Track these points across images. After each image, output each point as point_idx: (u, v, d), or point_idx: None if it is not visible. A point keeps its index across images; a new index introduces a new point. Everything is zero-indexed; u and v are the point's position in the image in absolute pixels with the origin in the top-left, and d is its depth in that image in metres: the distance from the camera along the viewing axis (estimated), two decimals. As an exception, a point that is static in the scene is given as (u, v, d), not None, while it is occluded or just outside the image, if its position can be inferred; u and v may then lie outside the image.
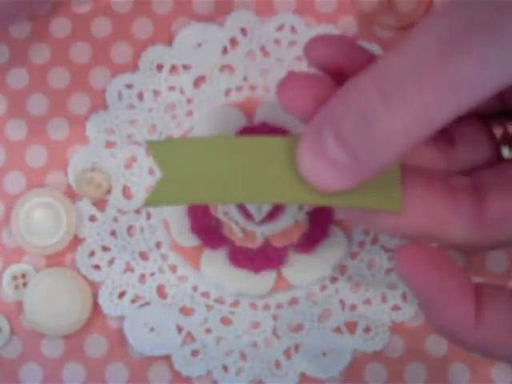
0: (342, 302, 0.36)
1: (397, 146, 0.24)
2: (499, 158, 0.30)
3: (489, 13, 0.23)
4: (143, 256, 0.36)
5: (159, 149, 0.27)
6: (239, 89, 0.37)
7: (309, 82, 0.27)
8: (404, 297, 0.35)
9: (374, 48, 0.36)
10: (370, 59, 0.28)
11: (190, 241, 0.36)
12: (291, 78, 0.28)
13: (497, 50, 0.22)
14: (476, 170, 0.30)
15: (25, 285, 0.36)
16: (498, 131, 0.31)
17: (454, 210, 0.28)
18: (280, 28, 0.37)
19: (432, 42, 0.23)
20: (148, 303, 0.36)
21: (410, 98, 0.23)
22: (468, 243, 0.28)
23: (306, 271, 0.35)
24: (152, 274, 0.36)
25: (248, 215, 0.35)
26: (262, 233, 0.35)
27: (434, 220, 0.28)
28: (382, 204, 0.27)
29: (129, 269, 0.36)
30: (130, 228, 0.36)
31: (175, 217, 0.36)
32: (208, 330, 0.36)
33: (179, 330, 0.36)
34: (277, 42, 0.37)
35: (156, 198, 0.27)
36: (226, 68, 0.37)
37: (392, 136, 0.24)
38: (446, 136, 0.30)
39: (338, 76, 0.29)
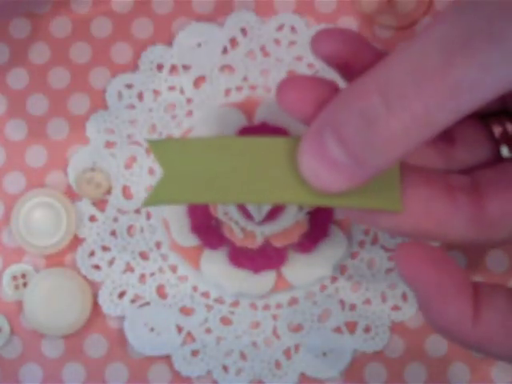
0: (341, 302, 0.36)
1: (397, 149, 0.24)
2: (498, 158, 0.30)
3: (489, 20, 0.23)
4: (143, 256, 0.36)
5: (160, 148, 0.27)
6: (239, 89, 0.37)
7: (308, 84, 0.28)
8: (404, 297, 0.35)
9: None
10: (376, 54, 0.29)
11: (190, 241, 0.36)
12: (291, 80, 0.28)
13: (498, 55, 0.22)
14: (475, 169, 0.30)
15: (25, 285, 0.36)
16: (497, 130, 0.31)
17: (452, 209, 0.28)
18: (280, 28, 0.37)
19: (433, 47, 0.23)
20: (148, 303, 0.36)
21: (410, 102, 0.23)
22: (466, 241, 0.28)
23: (305, 271, 0.35)
24: (152, 274, 0.36)
25: (248, 215, 0.35)
26: (261, 233, 0.35)
27: (433, 219, 0.28)
28: (382, 204, 0.27)
29: (129, 269, 0.36)
30: (130, 228, 0.36)
31: (175, 217, 0.36)
32: (208, 330, 0.36)
33: (179, 329, 0.36)
34: (277, 42, 0.37)
35: (156, 197, 0.27)
36: (226, 68, 0.37)
37: (393, 139, 0.24)
38: (445, 135, 0.30)
39: (345, 70, 0.29)
